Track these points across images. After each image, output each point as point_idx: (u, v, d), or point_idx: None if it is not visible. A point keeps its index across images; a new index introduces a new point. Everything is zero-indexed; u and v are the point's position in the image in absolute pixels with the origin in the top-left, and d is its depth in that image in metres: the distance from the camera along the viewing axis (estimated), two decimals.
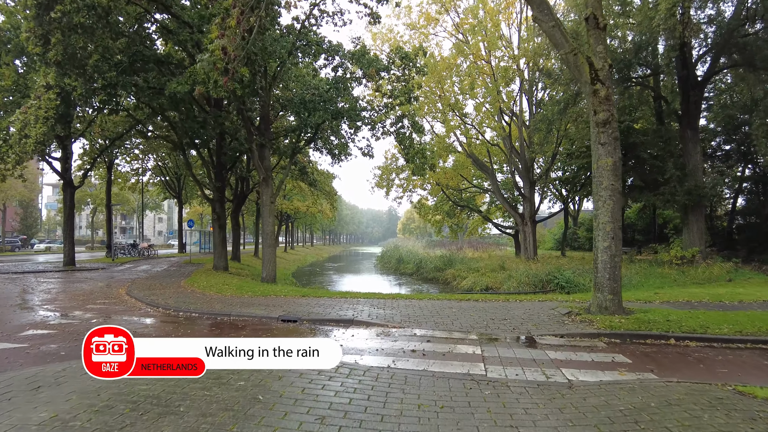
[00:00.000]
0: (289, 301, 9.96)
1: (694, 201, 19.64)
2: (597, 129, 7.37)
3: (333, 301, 9.79)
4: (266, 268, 14.53)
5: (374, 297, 10.64)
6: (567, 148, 26.60)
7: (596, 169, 7.54)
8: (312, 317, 7.84)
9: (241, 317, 8.18)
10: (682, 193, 19.59)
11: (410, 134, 15.09)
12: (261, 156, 14.56)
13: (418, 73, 15.70)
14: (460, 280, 26.01)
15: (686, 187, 19.47)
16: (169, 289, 12.54)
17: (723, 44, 17.62)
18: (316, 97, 14.18)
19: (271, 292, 11.44)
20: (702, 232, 20.13)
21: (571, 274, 15.40)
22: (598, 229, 7.50)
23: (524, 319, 7.70)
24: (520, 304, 9.51)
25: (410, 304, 9.42)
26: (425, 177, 31.22)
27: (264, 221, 14.44)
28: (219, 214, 19.36)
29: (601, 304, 7.41)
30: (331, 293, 11.41)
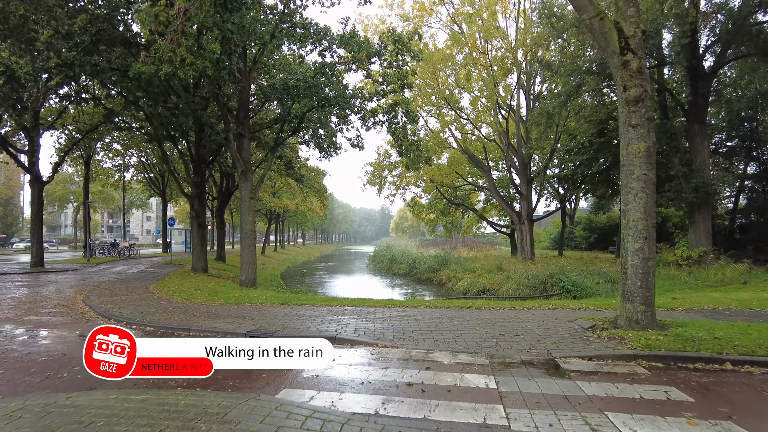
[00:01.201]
0: (265, 310, 8.64)
1: (702, 198, 18.69)
2: (627, 108, 6.17)
3: (315, 311, 8.50)
4: (245, 270, 13.17)
5: (363, 304, 9.36)
6: (565, 145, 25.56)
7: (625, 157, 6.34)
8: (286, 333, 6.54)
9: (202, 332, 6.85)
10: (689, 191, 18.64)
11: (404, 125, 13.82)
12: (239, 147, 13.20)
13: (412, 58, 14.43)
14: (455, 281, 24.84)
15: (693, 184, 18.51)
16: (133, 294, 11.15)
17: (735, 32, 16.59)
18: (300, 82, 12.86)
19: (247, 298, 10.10)
20: (709, 232, 19.19)
21: (577, 277, 14.28)
22: (628, 228, 6.31)
23: (540, 334, 6.48)
24: (530, 314, 8.30)
25: (404, 314, 8.16)
26: (419, 173, 30.04)
27: (243, 219, 13.09)
28: (198, 211, 17.95)
29: (631, 317, 6.23)
30: (314, 299, 10.12)
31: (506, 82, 25.92)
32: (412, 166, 13.91)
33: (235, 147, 12.63)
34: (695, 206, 18.92)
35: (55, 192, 56.05)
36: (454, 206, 33.98)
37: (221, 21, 10.70)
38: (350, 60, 14.31)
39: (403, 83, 13.83)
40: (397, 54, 14.26)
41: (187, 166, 17.44)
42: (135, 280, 14.93)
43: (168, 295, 10.90)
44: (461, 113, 27.56)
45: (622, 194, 6.48)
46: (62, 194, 55.84)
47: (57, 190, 55.67)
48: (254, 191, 13.16)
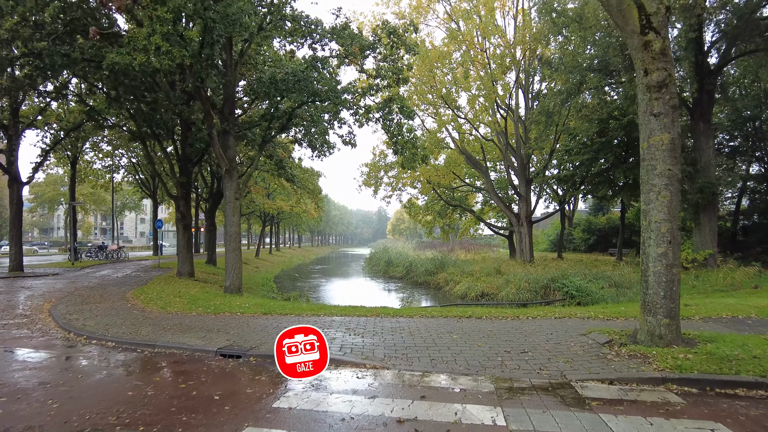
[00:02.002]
0: (245, 321, 7.84)
1: (707, 199, 18.06)
2: (649, 95, 5.45)
3: (300, 322, 7.70)
4: (230, 276, 12.36)
5: (353, 314, 8.58)
6: (565, 145, 24.91)
7: (646, 150, 5.61)
8: (262, 351, 5.74)
9: (168, 349, 6.06)
10: (694, 191, 18.01)
11: (399, 122, 13.07)
12: (224, 144, 12.40)
13: (408, 52, 13.69)
14: (453, 284, 24.09)
15: (699, 184, 17.88)
16: (106, 303, 10.32)
17: (741, 28, 15.98)
18: (289, 76, 12.10)
19: (228, 307, 9.29)
20: (715, 233, 18.56)
21: (581, 281, 13.55)
22: (649, 230, 5.57)
23: (550, 350, 5.73)
24: (536, 325, 7.55)
25: (398, 325, 7.38)
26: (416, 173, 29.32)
27: (227, 221, 12.28)
28: (184, 212, 17.12)
29: (653, 331, 5.49)
30: (301, 308, 9.32)
31: (505, 81, 25.26)
32: (407, 165, 13.15)
33: (219, 144, 11.83)
34: (700, 207, 18.30)
35: (45, 193, 55.03)
36: (451, 208, 33.27)
37: (202, 8, 9.95)
38: (343, 54, 13.58)
39: (398, 78, 13.10)
40: (392, 47, 13.53)
41: (173, 166, 16.61)
42: (114, 286, 14.08)
43: (143, 303, 10.07)
44: (459, 112, 26.87)
45: (642, 192, 5.75)
46: (52, 196, 54.70)
47: (47, 192, 54.66)
48: (240, 192, 12.35)
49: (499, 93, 25.01)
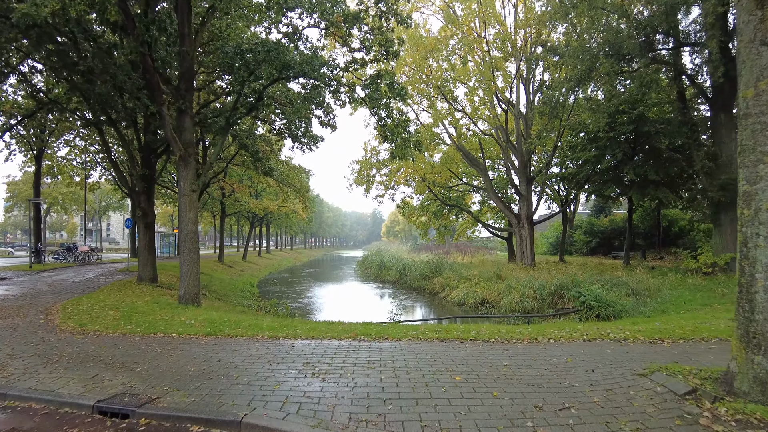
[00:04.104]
0: (171, 349, 5.80)
1: (731, 197, 16.24)
2: (761, 13, 3.54)
3: (245, 351, 5.67)
4: (184, 283, 10.28)
5: (324, 335, 6.56)
6: (569, 141, 23.11)
7: (752, 100, 3.69)
8: (163, 408, 3.71)
9: (24, 400, 4.02)
10: (716, 188, 16.23)
11: (388, 102, 11.10)
12: (179, 126, 10.35)
13: (400, 23, 11.74)
14: (449, 290, 22.15)
15: (721, 181, 16.11)
16: (15, 318, 8.20)
17: None
18: (259, 47, 10.11)
19: (165, 325, 7.23)
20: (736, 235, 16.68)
21: (598, 289, 11.63)
22: (756, 223, 3.67)
23: (602, 404, 3.76)
24: (564, 351, 5.61)
25: (379, 356, 5.37)
26: (409, 170, 27.39)
27: (181, 217, 10.23)
28: (145, 209, 15.02)
29: (762, 378, 3.56)
30: (258, 327, 7.26)
31: (505, 71, 23.42)
32: (398, 153, 11.16)
33: (169, 126, 9.79)
34: (721, 206, 16.54)
35: (22, 192, 52.62)
36: (447, 208, 31.35)
37: None
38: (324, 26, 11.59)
39: (387, 51, 11.13)
40: (380, 18, 11.59)
41: (132, 156, 14.53)
42: (52, 294, 11.93)
43: (63, 318, 7.98)
44: (456, 104, 24.99)
45: (743, 166, 3.83)
46: (27, 195, 52.18)
47: (24, 190, 52.24)
48: (197, 183, 10.30)
49: (499, 85, 23.20)
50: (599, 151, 19.64)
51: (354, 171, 29.29)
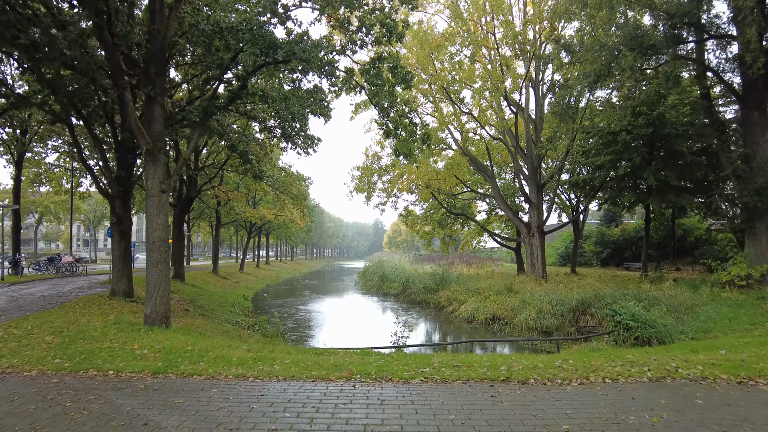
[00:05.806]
0: (92, 400, 4.19)
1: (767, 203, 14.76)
2: None
3: (193, 403, 4.07)
4: (151, 300, 8.68)
5: (306, 375, 4.94)
6: (581, 146, 21.56)
7: None
8: None
9: None
10: (751, 193, 14.69)
11: (391, 89, 9.63)
12: (146, 115, 8.89)
13: (404, 3, 10.36)
14: (457, 304, 20.45)
15: (757, 185, 14.56)
16: None
17: None
18: (242, 24, 8.71)
19: (102, 359, 5.61)
20: None
21: (636, 307, 10.00)
22: None
23: None
24: (637, 402, 4.01)
25: (381, 416, 3.74)
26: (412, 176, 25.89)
27: (148, 222, 8.70)
28: (120, 215, 13.45)
29: None
30: (221, 361, 5.62)
31: (514, 71, 22.08)
32: (402, 149, 9.65)
33: (133, 115, 8.32)
34: (756, 213, 14.98)
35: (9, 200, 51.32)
36: (453, 216, 29.78)
37: None
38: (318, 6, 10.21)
39: (391, 33, 9.70)
40: None
41: (105, 157, 13.07)
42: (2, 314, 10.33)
43: None
44: (462, 106, 23.61)
45: None
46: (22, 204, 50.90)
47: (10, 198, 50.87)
48: (167, 182, 8.80)
49: (507, 86, 21.86)
50: (615, 155, 18.15)
51: (354, 177, 27.81)
